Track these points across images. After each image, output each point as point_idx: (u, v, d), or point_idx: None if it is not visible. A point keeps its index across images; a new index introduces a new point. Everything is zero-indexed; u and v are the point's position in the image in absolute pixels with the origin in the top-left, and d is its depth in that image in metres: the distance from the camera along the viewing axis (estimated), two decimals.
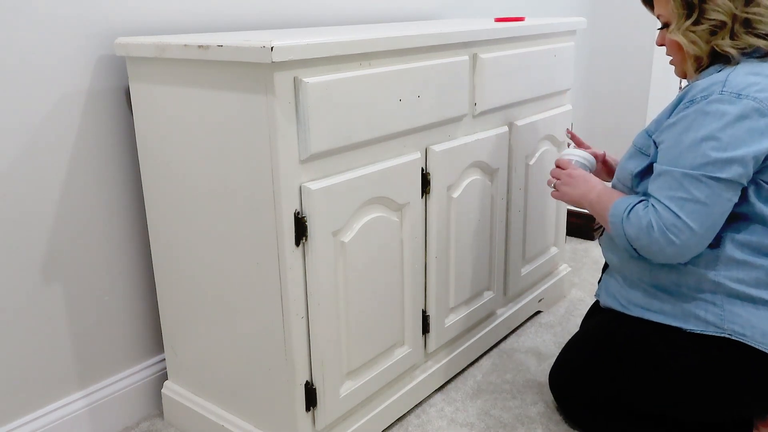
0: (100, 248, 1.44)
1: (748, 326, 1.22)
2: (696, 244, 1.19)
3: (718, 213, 1.18)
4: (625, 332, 1.36)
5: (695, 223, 1.17)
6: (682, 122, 1.20)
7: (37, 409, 1.39)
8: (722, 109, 1.15)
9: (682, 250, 1.19)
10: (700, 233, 1.18)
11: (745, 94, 1.15)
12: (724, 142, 1.14)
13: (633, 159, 1.33)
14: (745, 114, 1.14)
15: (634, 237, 1.23)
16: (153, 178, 1.37)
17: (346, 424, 1.39)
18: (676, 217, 1.18)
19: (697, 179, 1.16)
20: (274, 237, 1.18)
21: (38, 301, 1.35)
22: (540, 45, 1.77)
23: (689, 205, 1.17)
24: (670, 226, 1.18)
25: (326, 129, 1.17)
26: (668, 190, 1.19)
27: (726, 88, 1.17)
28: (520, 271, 1.88)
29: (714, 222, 1.18)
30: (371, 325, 1.38)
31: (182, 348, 1.47)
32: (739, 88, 1.16)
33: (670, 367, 1.28)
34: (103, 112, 1.39)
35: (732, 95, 1.16)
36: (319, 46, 1.13)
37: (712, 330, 1.25)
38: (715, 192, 1.16)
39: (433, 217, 1.48)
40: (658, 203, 1.20)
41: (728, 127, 1.14)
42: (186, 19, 1.48)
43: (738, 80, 1.17)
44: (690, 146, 1.17)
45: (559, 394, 1.51)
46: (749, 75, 1.18)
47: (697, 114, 1.18)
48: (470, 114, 1.57)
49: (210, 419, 1.43)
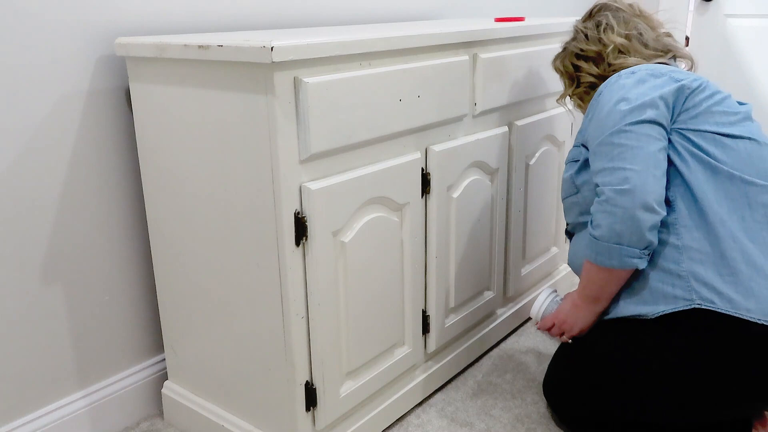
0: (100, 248, 1.44)
1: (714, 293, 1.22)
2: (647, 182, 1.22)
3: (653, 150, 1.25)
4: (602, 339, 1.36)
5: (635, 164, 1.23)
6: (596, 108, 1.35)
7: (37, 409, 1.40)
8: (622, 82, 1.33)
9: (639, 193, 1.21)
10: (643, 170, 1.23)
11: (638, 69, 1.35)
12: (632, 98, 1.28)
13: (568, 169, 1.46)
14: (643, 79, 1.32)
15: (603, 224, 1.25)
16: (153, 178, 1.37)
17: (346, 424, 1.39)
18: (616, 170, 1.24)
19: (622, 131, 1.26)
20: (274, 237, 1.18)
21: (38, 301, 1.35)
22: (540, 45, 1.77)
23: (624, 154, 1.25)
24: (616, 180, 1.23)
25: (326, 129, 1.17)
26: (605, 156, 1.27)
27: (621, 72, 1.37)
28: (520, 271, 1.88)
29: (654, 159, 1.24)
30: (371, 325, 1.38)
31: (182, 348, 1.47)
32: (631, 69, 1.36)
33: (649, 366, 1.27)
34: (103, 112, 1.39)
35: (627, 73, 1.35)
36: (319, 46, 1.13)
37: (681, 304, 1.24)
38: (641, 135, 1.25)
39: (433, 217, 1.48)
40: (603, 174, 1.27)
41: (632, 89, 1.30)
42: (186, 19, 1.48)
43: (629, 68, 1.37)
44: (607, 115, 1.30)
45: (552, 403, 1.51)
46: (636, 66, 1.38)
47: (603, 95, 1.34)
48: (470, 114, 1.57)
49: (210, 419, 1.43)
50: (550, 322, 1.47)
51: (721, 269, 1.23)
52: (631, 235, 1.23)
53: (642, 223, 1.22)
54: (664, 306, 1.27)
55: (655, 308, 1.27)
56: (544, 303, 1.49)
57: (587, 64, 1.48)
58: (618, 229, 1.24)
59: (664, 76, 1.31)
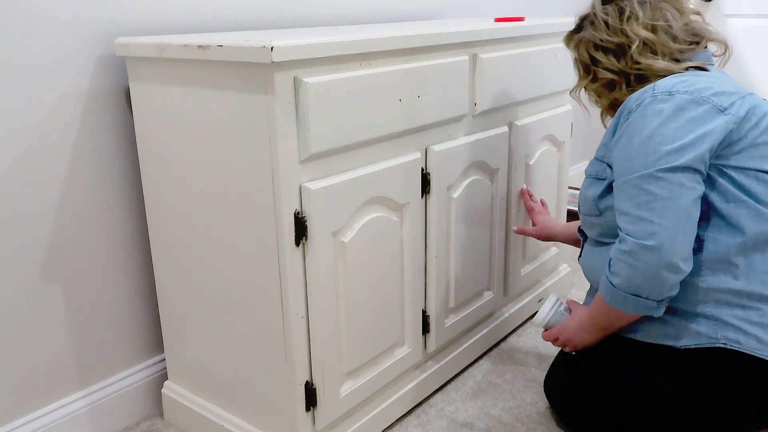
0: (100, 248, 1.44)
1: (741, 334, 1.19)
2: (675, 240, 1.13)
3: (685, 203, 1.14)
4: (614, 352, 1.33)
5: (664, 219, 1.13)
6: (626, 133, 1.21)
7: (37, 409, 1.39)
8: (658, 108, 1.18)
9: (665, 253, 1.13)
10: (673, 227, 1.13)
11: (676, 90, 1.19)
12: (668, 135, 1.16)
13: (591, 187, 1.34)
14: (682, 106, 1.17)
15: (623, 275, 1.18)
16: (153, 178, 1.37)
17: (346, 424, 1.39)
18: (643, 221, 1.15)
19: (653, 177, 1.15)
20: (274, 237, 1.18)
21: (38, 301, 1.35)
22: (540, 45, 1.77)
23: (653, 204, 1.14)
24: (641, 234, 1.15)
25: (326, 129, 1.17)
26: (631, 199, 1.17)
27: (656, 90, 1.21)
28: (520, 271, 1.88)
29: (686, 214, 1.14)
30: (371, 324, 1.38)
31: (182, 348, 1.47)
32: (668, 87, 1.20)
33: (664, 385, 1.25)
34: (103, 112, 1.39)
35: (664, 94, 1.19)
36: (319, 46, 1.13)
37: (705, 342, 1.21)
38: (674, 184, 1.14)
39: (433, 217, 1.48)
40: (626, 219, 1.18)
41: (669, 121, 1.16)
42: (186, 19, 1.48)
43: (665, 82, 1.22)
44: (638, 150, 1.18)
45: (554, 403, 1.51)
46: (675, 77, 1.23)
47: (636, 120, 1.20)
48: (470, 114, 1.57)
49: (210, 419, 1.43)
50: (554, 336, 1.43)
51: (749, 311, 1.19)
52: (651, 290, 1.17)
53: (664, 281, 1.16)
54: (686, 341, 1.23)
55: (677, 342, 1.23)
56: (550, 312, 1.45)
57: (606, 57, 1.32)
58: (638, 283, 1.17)
59: (707, 103, 1.17)
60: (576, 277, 2.29)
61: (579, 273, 2.33)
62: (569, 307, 1.46)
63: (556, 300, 1.47)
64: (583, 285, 2.24)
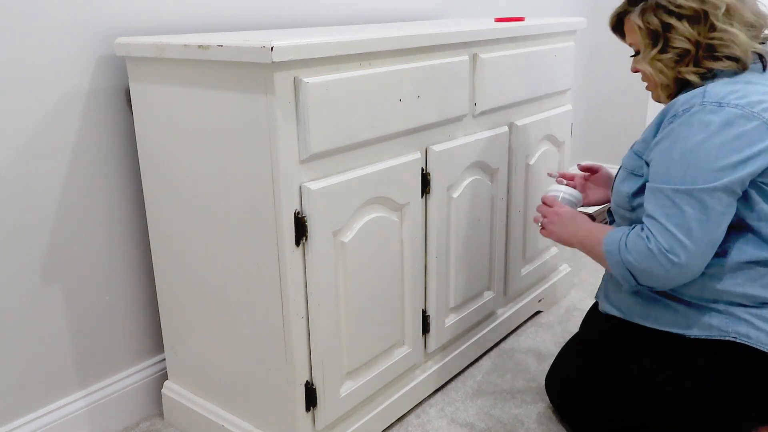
0: (100, 248, 1.44)
1: (752, 328, 1.20)
2: (698, 262, 1.16)
3: (715, 226, 1.15)
4: (623, 341, 1.34)
5: (692, 240, 1.14)
6: (669, 137, 1.18)
7: (37, 409, 1.39)
8: (706, 119, 1.14)
9: (684, 270, 1.16)
10: (699, 251, 1.15)
11: (726, 102, 1.14)
12: (712, 152, 1.13)
13: (626, 182, 1.31)
14: (730, 121, 1.13)
15: (635, 263, 1.19)
16: (153, 178, 1.37)
17: (346, 424, 1.39)
18: (672, 236, 1.15)
19: (688, 194, 1.14)
20: (274, 237, 1.18)
21: (38, 301, 1.35)
22: (540, 45, 1.77)
23: (684, 223, 1.14)
24: (669, 246, 1.15)
25: (326, 129, 1.17)
26: (661, 208, 1.17)
27: (706, 99, 1.16)
28: (520, 271, 1.88)
29: (713, 237, 1.15)
30: (371, 325, 1.38)
31: (182, 348, 1.47)
32: (719, 97, 1.15)
33: (670, 376, 1.26)
34: (103, 112, 1.39)
35: (713, 104, 1.15)
36: (319, 46, 1.13)
37: (716, 334, 1.22)
38: (708, 206, 1.13)
39: (433, 217, 1.48)
40: (654, 224, 1.17)
41: (714, 137, 1.13)
42: (186, 19, 1.48)
43: (717, 90, 1.17)
44: (678, 161, 1.15)
45: (556, 400, 1.51)
46: (727, 85, 1.18)
47: (681, 127, 1.16)
48: (470, 114, 1.57)
49: (210, 419, 1.43)
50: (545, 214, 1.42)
51: (763, 309, 1.21)
52: (647, 281, 1.21)
53: (667, 285, 1.21)
54: (697, 331, 1.24)
55: (688, 331, 1.25)
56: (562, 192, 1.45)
57: (681, 23, 1.20)
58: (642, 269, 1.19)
59: (757, 119, 1.13)
60: (576, 277, 2.29)
61: (579, 273, 2.33)
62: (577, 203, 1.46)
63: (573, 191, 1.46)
64: (583, 285, 2.24)
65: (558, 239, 1.41)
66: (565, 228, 1.38)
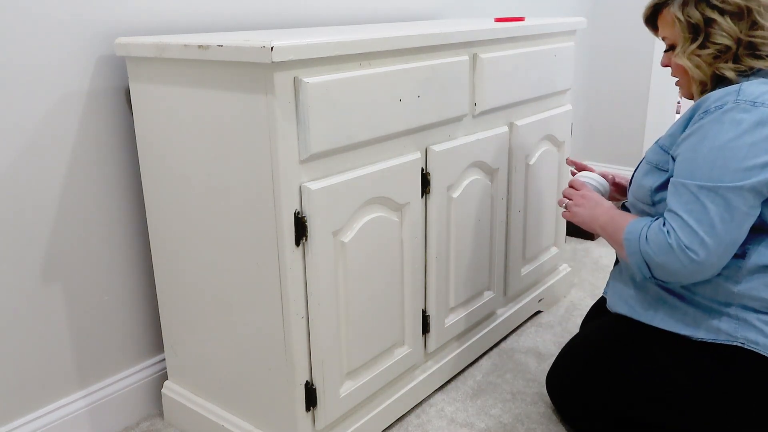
0: (100, 248, 1.44)
1: (761, 335, 1.19)
2: (717, 261, 1.14)
3: (738, 226, 1.13)
4: (628, 339, 1.34)
5: (713, 239, 1.12)
6: (698, 133, 1.16)
7: (37, 409, 1.39)
8: (738, 118, 1.12)
9: (702, 268, 1.15)
10: (720, 250, 1.13)
11: (761, 102, 1.12)
12: (741, 151, 1.11)
13: (650, 175, 1.29)
14: (763, 121, 1.11)
15: (653, 255, 1.17)
16: (153, 178, 1.37)
17: (346, 424, 1.39)
18: (693, 233, 1.13)
19: (713, 191, 1.12)
20: (274, 237, 1.18)
21: (38, 301, 1.35)
22: (540, 45, 1.77)
23: (706, 220, 1.12)
24: (689, 243, 1.13)
25: (326, 129, 1.17)
26: (685, 204, 1.15)
27: (741, 97, 1.14)
28: (520, 271, 1.88)
29: (734, 237, 1.14)
30: (371, 325, 1.38)
31: (182, 348, 1.47)
32: (753, 96, 1.13)
33: (675, 378, 1.26)
34: (103, 112, 1.39)
35: (747, 103, 1.13)
36: (319, 46, 1.13)
37: (723, 338, 1.21)
38: (732, 205, 1.11)
39: (433, 217, 1.48)
40: (675, 220, 1.15)
41: (745, 135, 1.11)
42: (186, 19, 1.48)
43: (752, 89, 1.15)
44: (706, 157, 1.14)
45: (557, 399, 1.51)
46: (762, 84, 1.16)
47: (712, 124, 1.14)
48: (470, 114, 1.57)
49: (210, 419, 1.43)
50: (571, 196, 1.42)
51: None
52: (663, 275, 1.19)
53: (685, 280, 1.19)
54: (705, 334, 1.23)
55: (696, 333, 1.24)
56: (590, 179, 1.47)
57: (724, 18, 1.18)
58: (659, 263, 1.17)
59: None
60: (576, 277, 2.29)
61: (579, 273, 2.33)
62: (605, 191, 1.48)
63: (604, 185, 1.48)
64: (583, 285, 2.24)
65: (581, 222, 1.39)
66: (589, 211, 1.37)
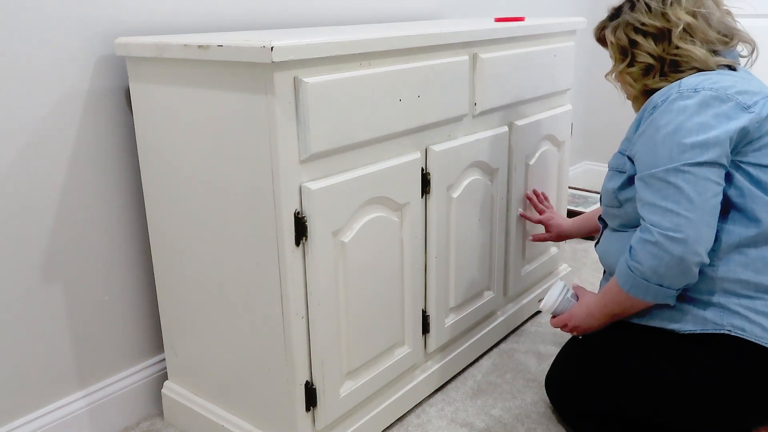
0: (100, 248, 1.44)
1: (747, 322, 1.22)
2: (701, 233, 1.17)
3: (710, 197, 1.18)
4: (622, 339, 1.35)
5: (690, 212, 1.17)
6: (650, 127, 1.24)
7: (37, 409, 1.39)
8: (683, 104, 1.21)
9: (691, 244, 1.17)
10: (699, 219, 1.17)
11: (701, 88, 1.22)
12: (693, 129, 1.18)
13: (611, 180, 1.37)
14: (706, 102, 1.20)
15: (646, 264, 1.21)
16: (153, 178, 1.37)
17: (346, 424, 1.39)
18: (675, 214, 1.18)
19: (679, 170, 1.18)
20: (274, 237, 1.18)
21: (38, 301, 1.35)
22: (540, 45, 1.77)
23: (684, 198, 1.18)
24: (671, 225, 1.18)
25: (326, 129, 1.17)
26: (658, 192, 1.20)
27: (682, 87, 1.24)
28: (520, 271, 1.88)
29: (711, 208, 1.18)
30: (371, 325, 1.38)
31: (182, 348, 1.47)
32: (693, 84, 1.23)
33: (669, 375, 1.27)
34: (103, 112, 1.39)
35: (689, 91, 1.22)
36: (319, 46, 1.13)
37: (710, 327, 1.24)
38: (700, 178, 1.18)
39: (433, 217, 1.48)
40: (653, 210, 1.20)
41: (694, 116, 1.19)
42: (186, 19, 1.48)
43: (691, 80, 1.25)
44: (663, 144, 1.21)
45: (555, 400, 1.51)
46: (699, 76, 1.26)
47: (661, 115, 1.23)
48: (470, 114, 1.57)
49: (210, 419, 1.43)
50: (563, 323, 1.45)
51: (756, 301, 1.23)
52: (673, 278, 1.21)
53: (688, 270, 1.19)
54: (692, 326, 1.26)
55: (683, 326, 1.26)
56: (557, 300, 1.46)
57: (646, 40, 1.32)
58: (662, 272, 1.20)
59: (731, 101, 1.20)
60: (576, 278, 2.29)
61: (579, 273, 2.33)
62: (576, 294, 1.48)
63: (563, 287, 1.48)
64: (583, 285, 2.24)
65: (593, 328, 1.41)
66: (588, 318, 1.40)
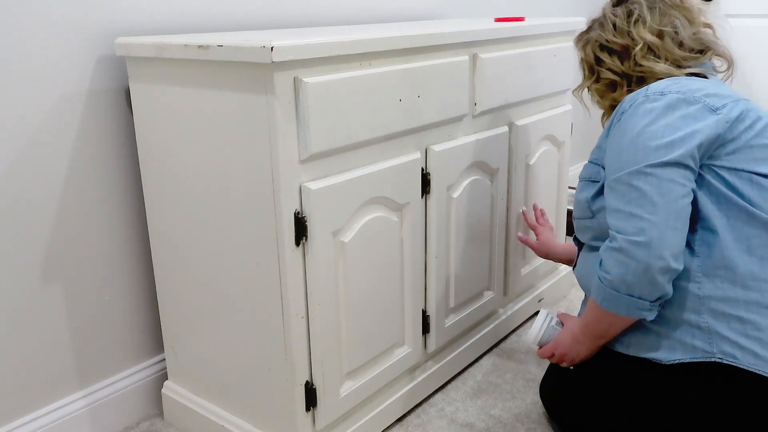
0: (100, 248, 1.44)
1: (738, 348, 1.14)
2: (665, 236, 1.11)
3: (675, 199, 1.13)
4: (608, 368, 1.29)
5: (653, 214, 1.12)
6: (617, 132, 1.22)
7: (37, 409, 1.39)
8: (650, 107, 1.19)
9: (654, 248, 1.11)
10: (662, 222, 1.11)
11: (668, 91, 1.20)
12: (658, 131, 1.16)
13: (584, 190, 1.33)
14: (672, 104, 1.18)
15: (614, 273, 1.15)
16: (153, 178, 1.37)
17: (346, 424, 1.39)
18: (636, 218, 1.13)
19: (642, 173, 1.15)
20: (274, 237, 1.18)
21: (38, 301, 1.35)
22: (540, 45, 1.77)
23: (646, 201, 1.13)
24: (633, 229, 1.13)
25: (326, 129, 1.17)
26: (622, 196, 1.16)
27: (649, 91, 1.22)
28: (520, 271, 1.88)
29: (675, 210, 1.12)
30: (371, 325, 1.38)
31: (182, 348, 1.47)
32: (661, 88, 1.22)
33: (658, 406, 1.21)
34: (103, 112, 1.39)
35: (656, 94, 1.20)
36: (319, 46, 1.13)
37: (700, 356, 1.17)
38: (663, 180, 1.13)
39: (433, 217, 1.48)
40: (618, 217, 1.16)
41: (659, 119, 1.17)
42: (186, 19, 1.48)
43: (658, 84, 1.23)
44: (628, 147, 1.18)
45: (549, 411, 1.50)
46: (666, 80, 1.25)
47: (628, 118, 1.21)
48: (470, 114, 1.57)
49: (210, 419, 1.43)
50: (550, 353, 1.39)
51: (746, 323, 1.14)
52: (643, 288, 1.14)
53: (656, 278, 1.12)
54: (681, 355, 1.18)
55: (671, 355, 1.19)
56: (541, 329, 1.42)
57: (611, 58, 1.33)
58: (629, 281, 1.14)
59: (698, 103, 1.17)
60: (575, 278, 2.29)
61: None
62: (561, 321, 1.42)
63: (547, 315, 1.44)
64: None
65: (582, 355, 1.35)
66: (574, 343, 1.34)
